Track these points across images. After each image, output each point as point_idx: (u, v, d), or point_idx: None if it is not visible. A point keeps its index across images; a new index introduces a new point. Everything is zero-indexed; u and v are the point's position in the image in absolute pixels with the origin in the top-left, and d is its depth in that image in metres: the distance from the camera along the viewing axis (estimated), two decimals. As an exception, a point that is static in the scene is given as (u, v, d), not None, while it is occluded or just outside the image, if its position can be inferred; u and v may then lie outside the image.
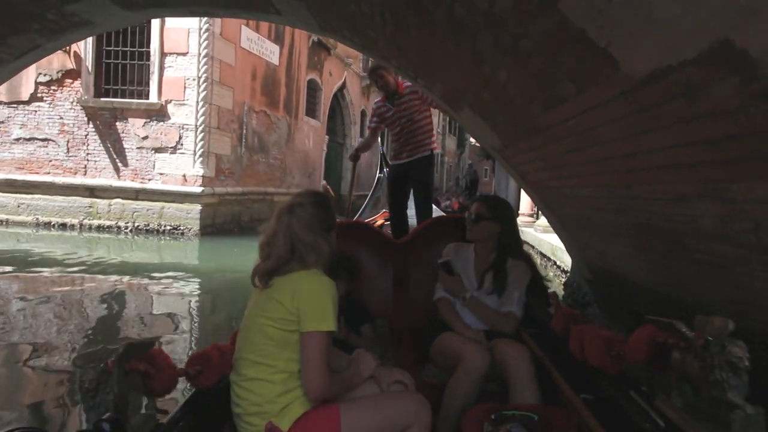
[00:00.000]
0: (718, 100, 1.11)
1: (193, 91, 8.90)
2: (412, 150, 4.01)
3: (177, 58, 8.91)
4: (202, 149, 9.04)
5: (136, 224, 8.97)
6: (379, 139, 4.76)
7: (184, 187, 8.95)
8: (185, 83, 8.91)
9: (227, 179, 9.81)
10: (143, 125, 9.00)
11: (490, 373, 1.82)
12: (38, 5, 3.13)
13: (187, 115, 8.94)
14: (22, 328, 4.05)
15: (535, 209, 9.42)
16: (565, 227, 3.37)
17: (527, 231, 8.26)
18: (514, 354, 1.82)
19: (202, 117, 8.99)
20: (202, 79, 8.93)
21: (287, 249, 1.42)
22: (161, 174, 9.03)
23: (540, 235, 7.87)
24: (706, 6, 0.95)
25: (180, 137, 8.97)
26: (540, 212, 6.83)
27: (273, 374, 1.35)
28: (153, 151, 9.03)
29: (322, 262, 1.44)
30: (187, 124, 8.95)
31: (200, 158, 9.03)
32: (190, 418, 1.40)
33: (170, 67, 8.93)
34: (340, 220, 3.08)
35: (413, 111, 3.93)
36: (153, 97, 8.94)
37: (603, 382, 1.51)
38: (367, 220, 5.52)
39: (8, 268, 6.05)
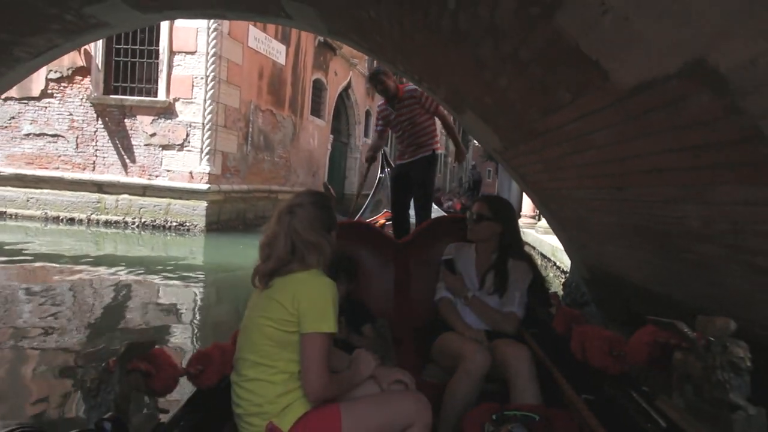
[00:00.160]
0: (696, 112, 1.21)
1: (201, 89, 9.01)
2: (415, 150, 4.06)
3: (185, 56, 9.02)
4: (208, 147, 9.14)
5: (143, 220, 9.08)
6: (376, 137, 4.84)
7: (191, 184, 9.06)
8: (193, 82, 9.02)
9: (233, 177, 9.92)
10: (151, 122, 9.12)
11: (491, 373, 1.81)
12: (58, 7, 3.24)
13: (194, 113, 9.05)
14: (24, 324, 4.03)
15: (537, 211, 9.49)
16: (564, 228, 3.44)
17: (529, 232, 8.34)
18: (515, 354, 1.82)
19: (209, 115, 9.10)
20: (210, 78, 9.04)
21: (288, 250, 1.41)
22: (168, 171, 9.14)
23: (541, 236, 7.95)
24: (681, 27, 1.05)
25: (187, 135, 9.08)
26: (541, 214, 6.89)
27: (273, 375, 1.35)
28: (160, 148, 9.14)
29: (323, 263, 1.44)
30: (195, 122, 9.06)
31: (207, 156, 9.13)
32: (191, 417, 1.40)
33: (179, 65, 9.04)
34: (341, 220, 3.13)
35: (414, 114, 3.97)
36: (161, 95, 9.06)
37: (604, 382, 1.51)
38: (368, 221, 5.50)
39: (15, 261, 6.12)
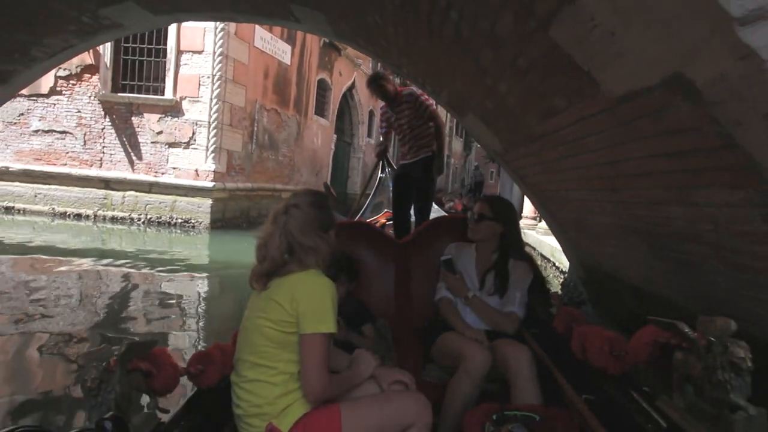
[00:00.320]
0: (678, 120, 1.31)
1: (207, 88, 9.13)
2: (416, 151, 4.13)
3: (192, 56, 9.14)
4: (214, 145, 9.27)
5: (149, 216, 9.20)
6: (381, 139, 4.93)
7: (196, 181, 9.18)
8: (200, 80, 9.15)
9: (237, 175, 10.04)
10: (158, 120, 9.24)
11: (492, 373, 1.81)
12: (75, 9, 3.36)
13: (200, 111, 9.18)
14: (27, 319, 4.02)
15: (537, 213, 9.57)
16: (562, 228, 3.54)
17: (529, 233, 8.42)
18: (515, 354, 1.81)
19: (215, 114, 9.22)
20: (216, 77, 9.16)
21: (283, 251, 1.40)
22: (174, 168, 9.27)
23: (541, 237, 8.04)
24: (660, 44, 1.16)
25: (193, 133, 9.20)
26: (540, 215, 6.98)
27: (273, 376, 1.34)
28: (167, 146, 9.27)
29: (322, 263, 1.43)
30: (201, 121, 9.19)
31: (212, 154, 9.26)
32: (191, 417, 1.40)
33: (186, 64, 9.16)
34: (341, 220, 3.19)
35: (412, 116, 4.04)
36: (168, 94, 9.18)
37: (605, 382, 1.51)
38: (368, 221, 5.48)
39: (22, 256, 6.22)
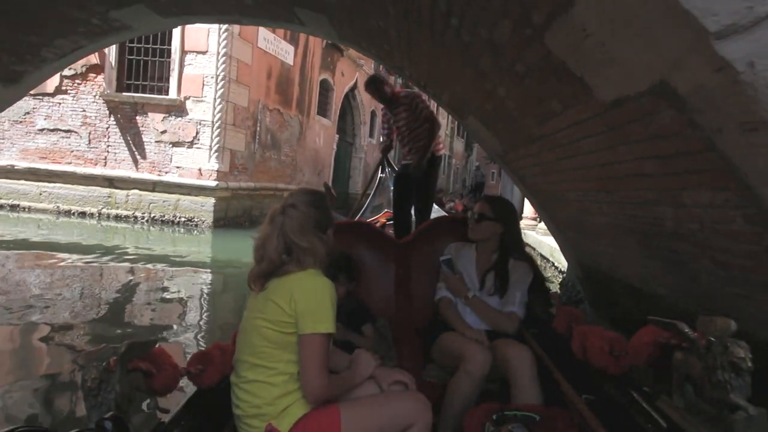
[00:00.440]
0: (664, 125, 1.39)
1: (211, 88, 9.22)
2: (416, 153, 4.12)
3: (197, 56, 9.23)
4: (217, 145, 9.35)
5: (152, 215, 9.29)
6: (382, 138, 4.96)
7: (200, 180, 9.27)
8: (204, 81, 9.23)
9: (240, 174, 10.13)
10: (162, 120, 9.33)
11: (492, 373, 1.81)
12: (85, 12, 3.44)
13: (204, 111, 9.27)
14: (28, 318, 4.01)
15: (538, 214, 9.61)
16: (560, 228, 3.61)
17: (529, 234, 8.49)
18: (515, 354, 1.81)
19: (219, 114, 9.31)
20: (220, 77, 9.24)
21: (281, 251, 1.40)
22: (178, 167, 9.36)
23: (541, 238, 8.10)
24: (647, 53, 1.23)
25: (197, 132, 9.29)
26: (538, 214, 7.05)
27: (272, 376, 1.34)
28: (170, 145, 9.36)
29: (320, 263, 1.42)
30: (204, 120, 9.27)
31: (215, 153, 9.35)
32: (191, 417, 1.40)
33: (190, 64, 9.25)
34: (341, 220, 3.24)
35: (410, 118, 4.07)
36: (172, 93, 9.27)
37: (605, 382, 1.51)
38: (368, 221, 5.45)
39: (26, 252, 6.30)
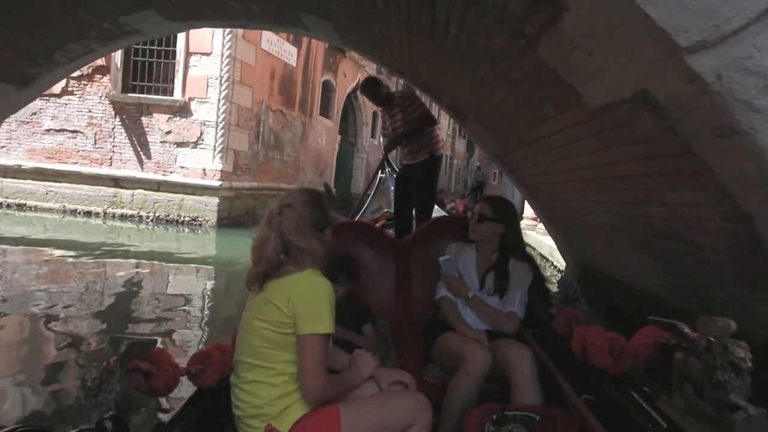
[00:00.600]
0: (647, 130, 1.50)
1: (215, 89, 9.33)
2: (416, 152, 4.18)
3: (201, 57, 9.33)
4: (221, 145, 9.46)
5: (157, 214, 9.39)
6: (382, 139, 4.97)
7: (204, 180, 9.37)
8: (208, 82, 9.34)
9: (244, 174, 10.24)
10: (167, 120, 9.44)
11: (492, 373, 1.81)
12: (97, 16, 3.56)
13: (208, 112, 9.37)
14: (29, 317, 4.01)
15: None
16: (556, 227, 3.71)
17: (529, 234, 8.58)
18: (515, 354, 1.81)
19: (223, 114, 9.42)
20: (224, 79, 9.35)
21: (279, 252, 1.39)
22: (182, 167, 9.46)
23: (540, 238, 8.19)
24: (627, 65, 1.34)
25: (201, 133, 9.40)
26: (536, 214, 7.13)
27: (272, 377, 1.34)
28: (175, 146, 9.47)
29: (318, 262, 1.42)
30: (208, 121, 9.38)
31: (219, 153, 9.45)
32: (191, 416, 1.40)
33: (194, 66, 9.35)
34: (341, 220, 3.30)
35: (405, 119, 4.11)
36: (177, 94, 9.37)
37: (605, 382, 1.51)
38: (368, 221, 5.44)
39: (32, 250, 6.37)
